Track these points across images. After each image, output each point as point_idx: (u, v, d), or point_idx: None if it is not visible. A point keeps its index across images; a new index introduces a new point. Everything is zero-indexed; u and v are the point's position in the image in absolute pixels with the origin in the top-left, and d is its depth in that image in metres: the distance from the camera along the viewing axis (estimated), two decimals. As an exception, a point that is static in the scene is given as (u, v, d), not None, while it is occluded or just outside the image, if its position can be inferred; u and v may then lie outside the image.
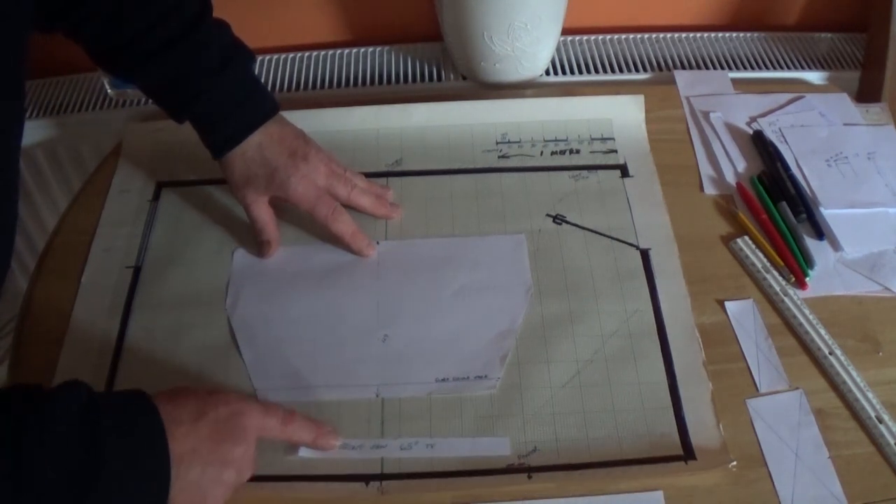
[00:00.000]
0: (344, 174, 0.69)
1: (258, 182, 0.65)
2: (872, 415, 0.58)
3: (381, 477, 0.56)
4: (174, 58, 0.62)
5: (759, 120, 0.80)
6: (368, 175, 0.75)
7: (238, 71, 0.65)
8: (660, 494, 0.54)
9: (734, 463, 0.55)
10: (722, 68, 0.91)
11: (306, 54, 0.95)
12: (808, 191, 0.73)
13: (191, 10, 0.62)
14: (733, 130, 0.79)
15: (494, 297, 0.65)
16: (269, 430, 0.52)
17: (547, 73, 0.91)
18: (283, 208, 0.69)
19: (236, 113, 0.64)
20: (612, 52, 0.94)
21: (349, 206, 0.68)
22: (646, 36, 0.95)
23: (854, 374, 0.60)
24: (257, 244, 0.68)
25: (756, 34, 0.96)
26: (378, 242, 0.69)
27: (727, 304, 0.65)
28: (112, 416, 0.45)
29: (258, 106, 0.66)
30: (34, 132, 0.92)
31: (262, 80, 0.92)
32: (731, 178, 0.75)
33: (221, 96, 0.64)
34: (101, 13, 0.61)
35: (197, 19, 0.62)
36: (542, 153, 0.77)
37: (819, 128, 0.79)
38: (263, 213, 0.67)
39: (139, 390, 0.49)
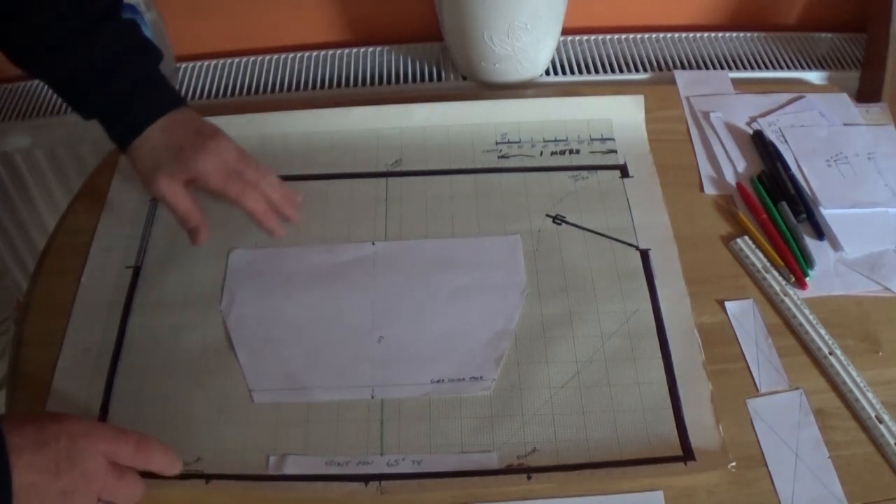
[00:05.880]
0: (255, 163, 0.66)
1: (165, 166, 0.63)
2: (872, 415, 0.58)
3: (381, 477, 0.56)
4: (76, 52, 0.62)
5: (759, 120, 0.80)
6: (368, 175, 0.75)
7: (141, 66, 0.64)
8: (660, 494, 0.54)
9: (733, 464, 0.55)
10: (722, 68, 0.91)
11: (306, 54, 0.95)
12: (808, 191, 0.73)
13: (97, 8, 0.62)
14: (733, 130, 0.79)
15: (490, 299, 0.65)
16: (121, 457, 0.49)
17: (547, 73, 0.91)
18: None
19: (138, 104, 0.64)
20: (612, 52, 0.94)
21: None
22: (646, 36, 0.95)
23: (854, 374, 0.60)
24: (187, 233, 0.65)
25: (756, 34, 0.96)
26: (374, 243, 0.69)
27: (727, 304, 0.65)
28: None
29: (161, 98, 0.65)
30: (34, 132, 0.92)
31: (263, 80, 0.93)
32: (731, 178, 0.75)
33: (123, 89, 0.63)
34: (3, 2, 0.60)
35: (102, 16, 0.62)
36: (541, 153, 0.77)
37: (819, 128, 0.79)
38: (181, 198, 0.64)
39: None
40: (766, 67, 0.92)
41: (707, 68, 0.91)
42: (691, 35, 0.96)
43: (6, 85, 0.95)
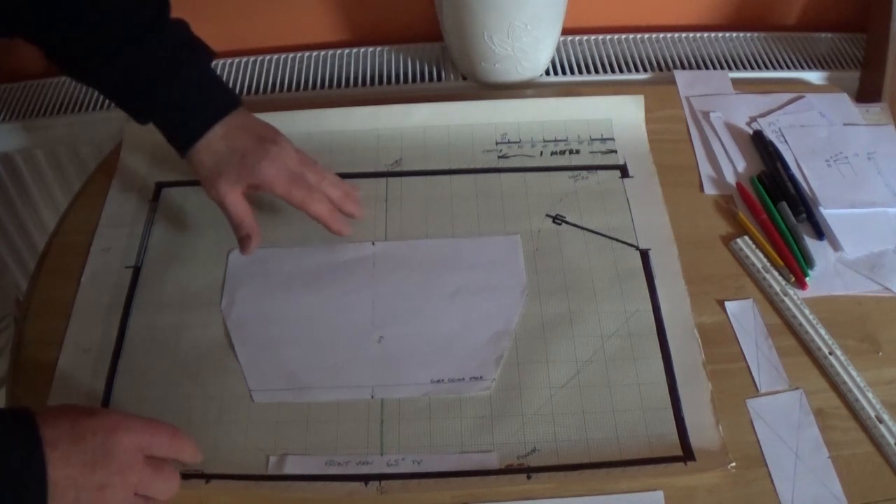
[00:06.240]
0: (315, 164, 0.67)
1: (229, 172, 0.63)
2: (872, 415, 0.58)
3: (381, 477, 0.56)
4: (131, 59, 0.61)
5: (758, 120, 0.80)
6: (368, 175, 0.75)
7: (196, 68, 0.64)
8: (660, 494, 0.54)
9: (733, 464, 0.55)
10: (722, 68, 0.91)
11: (306, 54, 0.95)
12: (808, 191, 0.73)
13: (148, 11, 0.62)
14: (733, 130, 0.79)
15: (490, 299, 0.65)
16: (157, 448, 0.50)
17: (547, 73, 0.91)
18: (279, 209, 0.69)
19: (197, 108, 0.63)
20: (612, 52, 0.94)
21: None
22: (646, 36, 0.95)
23: (854, 374, 0.60)
24: (238, 240, 0.66)
25: (756, 34, 0.96)
26: (374, 243, 0.69)
27: (727, 304, 0.65)
28: None
29: (219, 100, 0.65)
30: (34, 132, 0.92)
31: (263, 80, 0.92)
32: (731, 178, 0.75)
33: (180, 93, 0.63)
34: (57, 16, 0.59)
35: (154, 19, 0.62)
36: (541, 153, 0.77)
37: (819, 128, 0.79)
38: (239, 205, 0.64)
39: (25, 410, 0.47)
40: (766, 67, 0.92)
41: (707, 68, 0.91)
42: (691, 35, 0.96)
43: (6, 85, 0.95)
